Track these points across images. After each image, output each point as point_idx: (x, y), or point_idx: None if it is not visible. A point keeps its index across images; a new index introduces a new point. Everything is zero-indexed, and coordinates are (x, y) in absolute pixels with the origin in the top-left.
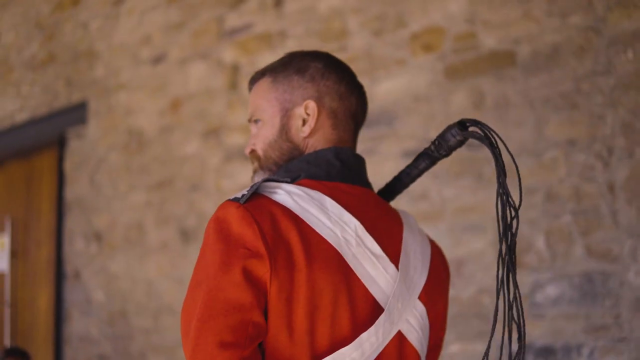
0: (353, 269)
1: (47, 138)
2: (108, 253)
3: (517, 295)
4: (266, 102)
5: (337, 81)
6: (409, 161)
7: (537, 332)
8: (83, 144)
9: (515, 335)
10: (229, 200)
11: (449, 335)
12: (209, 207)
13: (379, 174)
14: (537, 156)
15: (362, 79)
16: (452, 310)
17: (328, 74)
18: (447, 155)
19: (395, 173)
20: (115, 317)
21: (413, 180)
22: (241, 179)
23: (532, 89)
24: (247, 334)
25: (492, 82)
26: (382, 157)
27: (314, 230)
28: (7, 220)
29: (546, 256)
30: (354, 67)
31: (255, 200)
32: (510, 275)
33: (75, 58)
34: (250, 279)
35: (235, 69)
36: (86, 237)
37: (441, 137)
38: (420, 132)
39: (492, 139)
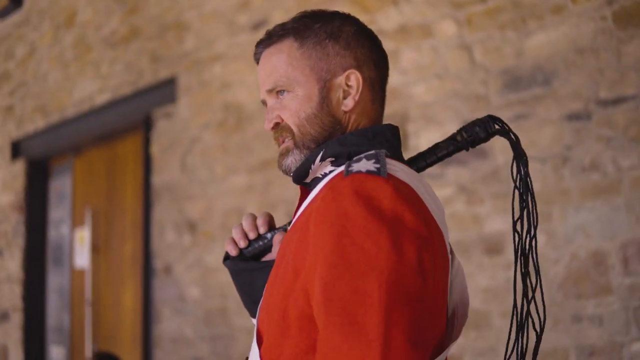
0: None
1: (131, 120)
2: (204, 244)
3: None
4: (297, 70)
5: (371, 48)
6: (573, 126)
7: None
8: (172, 124)
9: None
10: (367, 173)
11: (631, 333)
12: None
13: (536, 143)
14: None
15: (508, 32)
16: (632, 302)
17: (363, 39)
18: (467, 149)
19: (556, 140)
20: (214, 316)
21: (430, 165)
22: None
23: None
24: (423, 327)
25: None
26: (539, 122)
27: (430, 212)
28: (87, 213)
29: None
30: (497, 19)
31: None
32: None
33: (161, 31)
34: (421, 264)
35: None
36: (178, 228)
37: (470, 129)
38: (587, 91)
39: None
